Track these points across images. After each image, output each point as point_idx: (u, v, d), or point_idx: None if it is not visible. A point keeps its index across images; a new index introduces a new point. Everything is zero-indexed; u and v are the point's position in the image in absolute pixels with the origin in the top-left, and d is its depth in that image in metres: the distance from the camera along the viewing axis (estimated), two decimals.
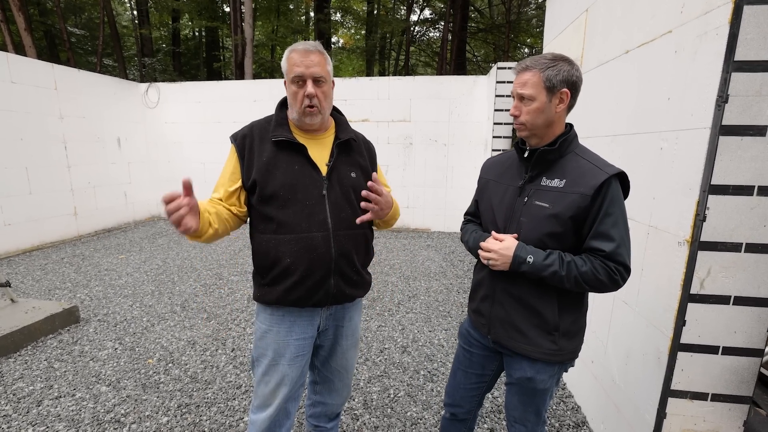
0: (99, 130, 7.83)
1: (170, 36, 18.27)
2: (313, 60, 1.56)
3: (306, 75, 1.55)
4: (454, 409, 1.87)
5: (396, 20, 17.16)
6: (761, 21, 1.42)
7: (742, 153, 1.52)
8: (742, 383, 1.71)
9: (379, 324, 4.03)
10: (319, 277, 1.62)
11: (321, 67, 1.57)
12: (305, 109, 1.59)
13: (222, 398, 2.82)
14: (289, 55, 1.58)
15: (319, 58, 1.57)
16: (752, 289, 1.61)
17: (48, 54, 15.34)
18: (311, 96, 1.57)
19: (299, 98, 1.58)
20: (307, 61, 1.55)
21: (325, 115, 1.67)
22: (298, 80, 1.56)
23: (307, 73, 1.55)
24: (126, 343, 3.58)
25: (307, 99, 1.57)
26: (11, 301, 3.87)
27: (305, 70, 1.55)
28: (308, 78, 1.56)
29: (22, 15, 10.11)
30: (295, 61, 1.55)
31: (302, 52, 1.56)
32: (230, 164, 1.66)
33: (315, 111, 1.60)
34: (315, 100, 1.58)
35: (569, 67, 1.41)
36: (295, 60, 1.55)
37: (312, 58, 1.56)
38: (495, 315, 1.62)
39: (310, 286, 1.62)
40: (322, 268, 1.62)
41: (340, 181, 1.67)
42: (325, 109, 1.65)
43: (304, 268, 1.60)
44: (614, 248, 1.37)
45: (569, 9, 3.05)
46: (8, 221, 6.24)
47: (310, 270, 1.61)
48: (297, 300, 1.64)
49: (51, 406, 2.72)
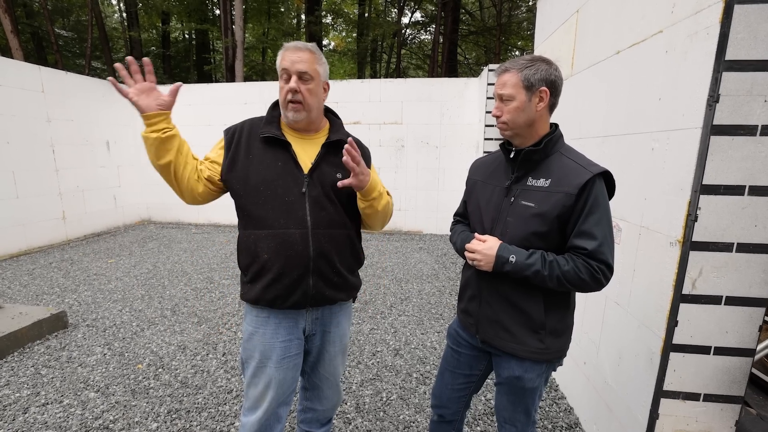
0: (87, 133, 7.74)
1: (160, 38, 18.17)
2: (301, 57, 1.57)
3: (291, 70, 1.56)
4: (441, 410, 1.87)
5: (387, 23, 17.19)
6: (752, 20, 1.43)
7: (734, 153, 1.52)
8: (733, 383, 1.71)
9: (372, 327, 4.01)
10: (296, 275, 1.61)
11: (308, 64, 1.57)
12: (288, 104, 1.60)
13: (213, 403, 2.79)
14: (282, 52, 1.60)
15: (308, 55, 1.58)
16: (743, 289, 1.62)
17: (35, 56, 15.18)
18: (293, 90, 1.57)
19: (283, 93, 1.59)
20: (294, 57, 1.56)
21: (311, 113, 1.65)
22: (284, 74, 1.58)
23: (292, 68, 1.56)
24: (115, 348, 3.53)
25: (290, 93, 1.58)
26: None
27: (290, 66, 1.56)
28: (293, 73, 1.57)
29: (8, 17, 9.95)
30: (284, 57, 1.58)
31: (293, 49, 1.58)
32: (215, 148, 1.71)
33: (299, 107, 1.60)
34: (298, 96, 1.58)
35: (547, 67, 1.44)
36: (283, 55, 1.58)
37: (300, 55, 1.57)
38: (483, 314, 1.62)
39: (287, 284, 1.61)
40: (300, 267, 1.61)
41: (322, 179, 1.66)
42: (311, 107, 1.63)
43: (280, 265, 1.59)
44: (596, 246, 1.37)
45: (560, 10, 3.06)
46: None
47: (287, 267, 1.60)
48: (275, 299, 1.63)
49: (38, 413, 2.67)
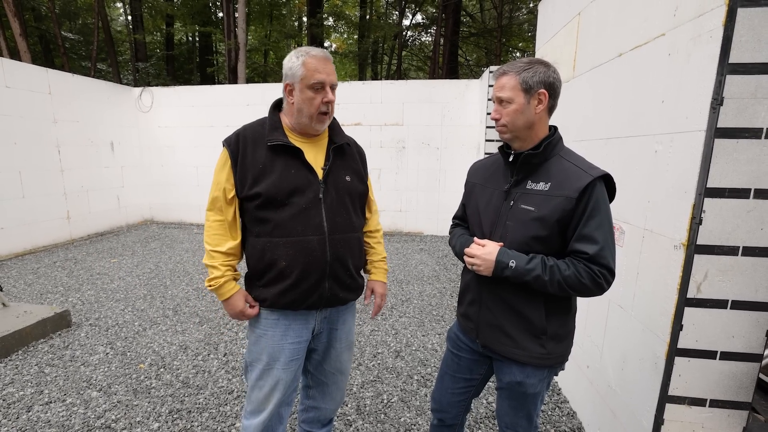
0: (92, 135, 7.79)
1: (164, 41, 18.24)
2: (332, 68, 1.61)
3: (327, 82, 1.58)
4: (441, 414, 1.85)
5: (388, 25, 17.18)
6: (755, 23, 1.42)
7: (738, 155, 1.51)
8: (740, 389, 1.69)
9: (372, 328, 4.00)
10: (314, 280, 1.63)
11: (335, 75, 1.61)
12: (320, 115, 1.61)
13: (214, 404, 2.79)
14: (306, 59, 1.56)
15: (333, 67, 1.62)
16: (750, 293, 1.60)
17: (43, 59, 15.28)
18: (331, 102, 1.60)
19: (316, 104, 1.59)
20: (328, 69, 1.58)
21: (330, 120, 1.70)
22: (319, 86, 1.57)
23: (328, 80, 1.58)
24: (117, 347, 3.54)
25: (325, 105, 1.60)
26: (2, 305, 3.81)
27: (326, 77, 1.57)
28: (328, 85, 1.58)
29: (17, 20, 10.03)
30: (316, 68, 1.55)
31: (322, 60, 1.57)
32: (223, 172, 1.64)
33: (326, 118, 1.65)
34: (330, 107, 1.62)
35: (545, 69, 1.43)
36: (315, 66, 1.55)
37: (331, 67, 1.60)
38: (483, 319, 1.61)
39: (305, 289, 1.62)
40: (317, 272, 1.63)
41: (336, 184, 1.68)
42: (332, 114, 1.69)
43: (299, 271, 1.60)
44: (598, 251, 1.35)
45: (561, 13, 3.05)
46: (1, 225, 6.19)
47: (305, 273, 1.61)
48: (291, 303, 1.64)
49: (41, 411, 2.68)
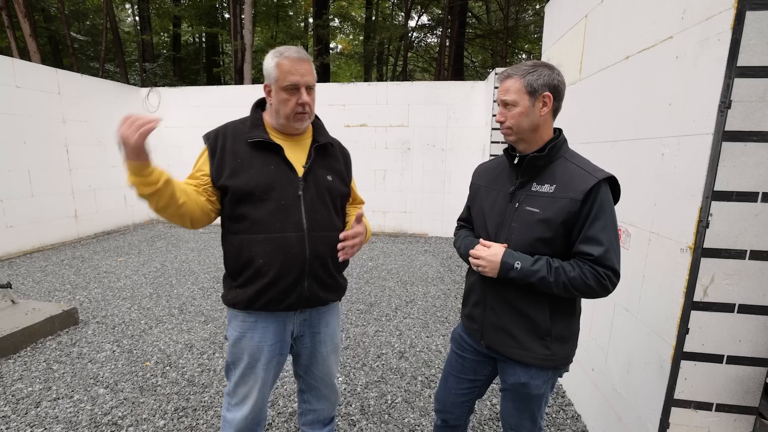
0: (100, 134, 7.85)
1: (171, 42, 18.36)
2: (306, 68, 1.57)
3: (301, 83, 1.56)
4: (445, 415, 1.86)
5: (394, 26, 17.19)
6: (764, 26, 1.41)
7: (746, 159, 1.51)
8: (747, 393, 1.68)
9: (377, 329, 4.01)
10: (292, 279, 1.61)
11: (312, 75, 1.60)
12: (297, 115, 1.60)
13: (219, 402, 2.80)
14: (280, 61, 1.54)
15: (309, 66, 1.59)
16: (757, 297, 1.59)
17: (52, 59, 15.43)
18: (306, 104, 1.58)
19: (291, 105, 1.58)
20: (301, 70, 1.55)
21: (311, 119, 1.69)
22: (292, 88, 1.55)
23: (302, 81, 1.56)
24: (124, 345, 3.56)
25: (300, 107, 1.58)
26: (11, 302, 3.85)
27: (300, 79, 1.55)
28: (302, 86, 1.56)
29: (27, 21, 10.14)
30: (289, 70, 1.54)
31: (296, 61, 1.55)
32: (199, 161, 1.64)
33: (305, 117, 1.63)
34: (307, 107, 1.60)
35: (550, 72, 1.44)
36: (288, 68, 1.54)
37: (305, 67, 1.57)
38: (487, 320, 1.61)
39: (283, 288, 1.60)
40: (296, 270, 1.61)
41: (316, 182, 1.67)
42: (312, 113, 1.67)
43: (277, 269, 1.58)
44: (603, 252, 1.36)
45: (568, 15, 3.05)
46: (10, 223, 6.25)
47: (284, 271, 1.59)
48: (269, 302, 1.62)
49: (49, 407, 2.71)
